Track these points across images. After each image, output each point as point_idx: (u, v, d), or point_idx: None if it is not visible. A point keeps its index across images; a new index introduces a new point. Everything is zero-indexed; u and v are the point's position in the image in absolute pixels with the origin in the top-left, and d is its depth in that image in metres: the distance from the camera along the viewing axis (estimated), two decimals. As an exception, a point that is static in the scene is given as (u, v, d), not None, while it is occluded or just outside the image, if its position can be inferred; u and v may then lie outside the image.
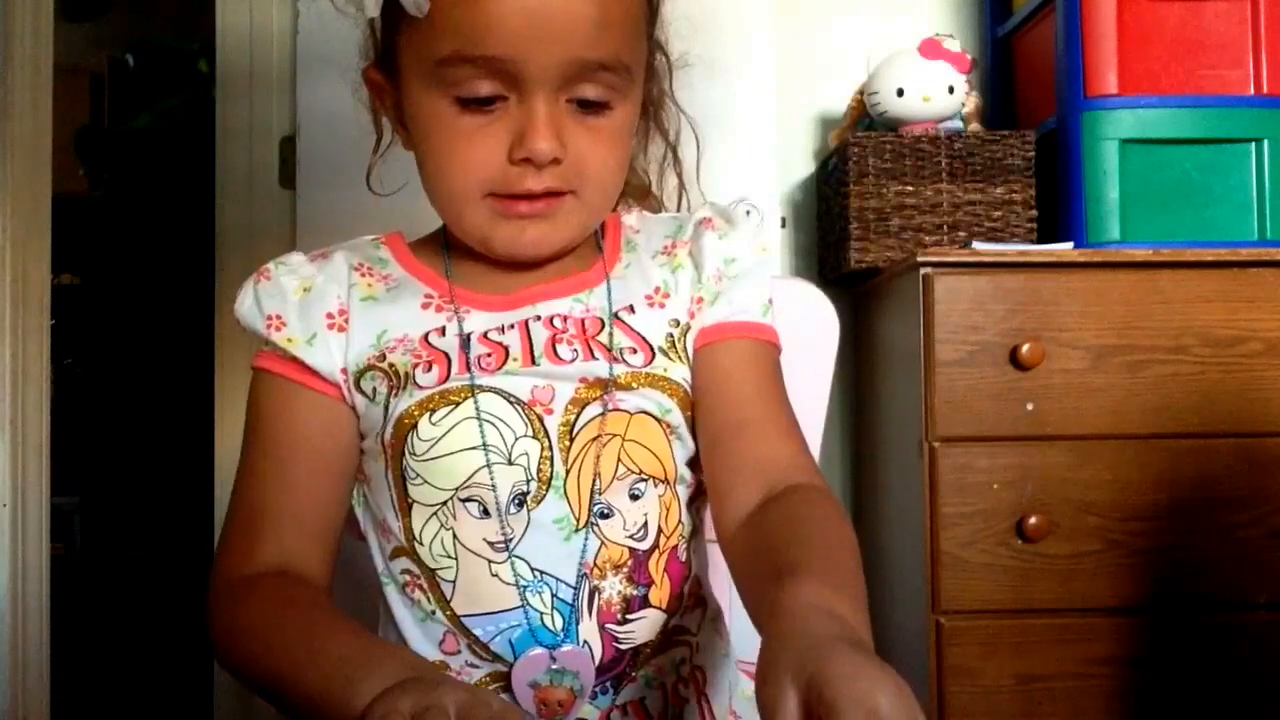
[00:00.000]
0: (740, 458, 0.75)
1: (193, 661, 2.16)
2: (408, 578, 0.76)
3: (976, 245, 1.65)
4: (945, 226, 1.73)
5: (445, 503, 0.74)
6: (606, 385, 0.74)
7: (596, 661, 0.74)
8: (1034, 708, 1.52)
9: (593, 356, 0.75)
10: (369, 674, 0.61)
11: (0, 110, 1.65)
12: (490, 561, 0.73)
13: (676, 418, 0.77)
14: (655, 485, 0.76)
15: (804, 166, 2.05)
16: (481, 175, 0.73)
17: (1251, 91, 1.66)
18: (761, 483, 0.73)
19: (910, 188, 1.73)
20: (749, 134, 1.87)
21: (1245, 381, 1.55)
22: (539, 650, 0.72)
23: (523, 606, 0.73)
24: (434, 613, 0.75)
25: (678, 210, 0.90)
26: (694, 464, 0.79)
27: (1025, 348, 1.52)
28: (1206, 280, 1.55)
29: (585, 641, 0.74)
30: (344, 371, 0.76)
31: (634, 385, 0.75)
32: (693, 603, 0.79)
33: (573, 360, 0.75)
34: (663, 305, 0.79)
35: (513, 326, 0.76)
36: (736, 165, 1.84)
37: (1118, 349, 1.55)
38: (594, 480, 0.74)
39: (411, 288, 0.79)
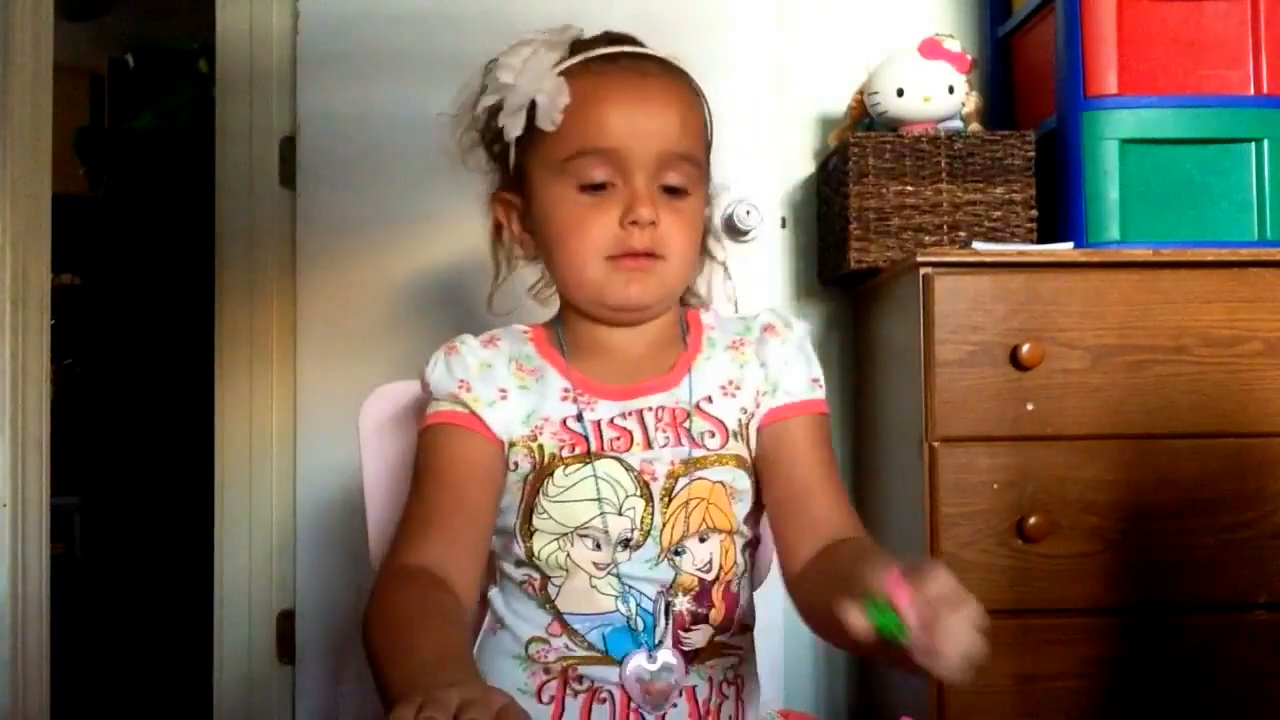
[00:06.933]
0: (804, 518, 0.97)
1: (193, 661, 2.16)
2: (525, 577, 0.98)
3: (976, 245, 1.65)
4: (945, 226, 1.73)
5: (566, 534, 0.96)
6: (690, 464, 0.97)
7: None
8: (1034, 708, 1.52)
9: (680, 442, 0.97)
10: (426, 682, 0.72)
11: (0, 110, 1.65)
12: (592, 576, 0.95)
13: (742, 483, 0.98)
14: (719, 534, 0.98)
15: (804, 166, 2.05)
16: (599, 239, 0.96)
17: (1251, 91, 1.66)
18: (818, 538, 0.95)
19: (910, 188, 1.73)
20: (749, 134, 1.87)
21: (1245, 381, 1.55)
22: (641, 651, 0.94)
23: (615, 611, 0.95)
24: (543, 605, 0.97)
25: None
26: (748, 519, 1.00)
27: (1025, 348, 1.52)
28: (1206, 280, 1.55)
29: (660, 640, 0.95)
30: (505, 438, 0.98)
31: (711, 464, 0.97)
32: (740, 628, 1.00)
33: (665, 445, 0.97)
34: (734, 395, 1.00)
35: (632, 414, 0.99)
36: (736, 165, 1.83)
37: (1118, 349, 1.55)
38: (682, 533, 0.96)
39: (552, 380, 1.00)
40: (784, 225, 2.02)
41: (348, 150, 1.88)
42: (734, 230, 1.86)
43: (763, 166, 1.89)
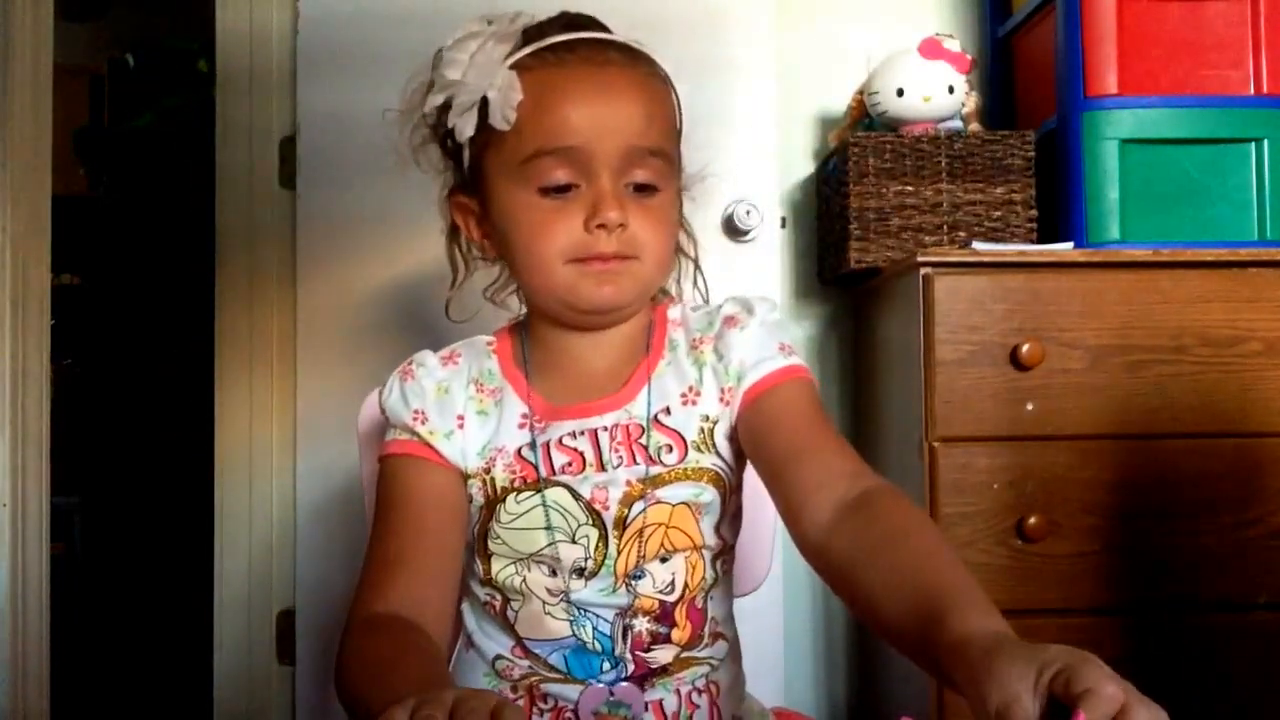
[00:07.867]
0: (805, 480, 0.86)
1: (193, 661, 2.16)
2: (488, 597, 0.96)
3: (976, 245, 1.66)
4: (945, 226, 1.73)
5: (522, 559, 0.93)
6: (647, 483, 0.92)
7: (627, 674, 0.92)
8: (1034, 708, 1.52)
9: (635, 461, 0.92)
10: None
11: (0, 110, 1.66)
12: (546, 602, 0.93)
13: (707, 496, 0.93)
14: (683, 552, 0.93)
15: (804, 166, 2.05)
16: (564, 243, 0.90)
17: (1251, 91, 1.66)
18: (829, 496, 0.83)
19: (910, 188, 1.73)
20: (749, 134, 1.87)
21: (1245, 381, 1.55)
22: (600, 686, 0.91)
23: (570, 636, 0.92)
24: (504, 628, 0.95)
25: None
26: (720, 529, 0.95)
27: (1025, 348, 1.52)
28: (1206, 280, 1.55)
29: (619, 659, 0.92)
30: (461, 467, 0.95)
31: (670, 480, 0.92)
32: (713, 639, 0.96)
33: (619, 466, 0.93)
34: (695, 402, 0.94)
35: (584, 434, 0.94)
36: (736, 165, 1.84)
37: (1117, 349, 1.55)
38: (638, 559, 0.92)
39: (511, 405, 0.96)
40: (784, 225, 2.02)
41: (348, 150, 1.88)
42: (734, 230, 1.86)
43: (763, 166, 1.89)
